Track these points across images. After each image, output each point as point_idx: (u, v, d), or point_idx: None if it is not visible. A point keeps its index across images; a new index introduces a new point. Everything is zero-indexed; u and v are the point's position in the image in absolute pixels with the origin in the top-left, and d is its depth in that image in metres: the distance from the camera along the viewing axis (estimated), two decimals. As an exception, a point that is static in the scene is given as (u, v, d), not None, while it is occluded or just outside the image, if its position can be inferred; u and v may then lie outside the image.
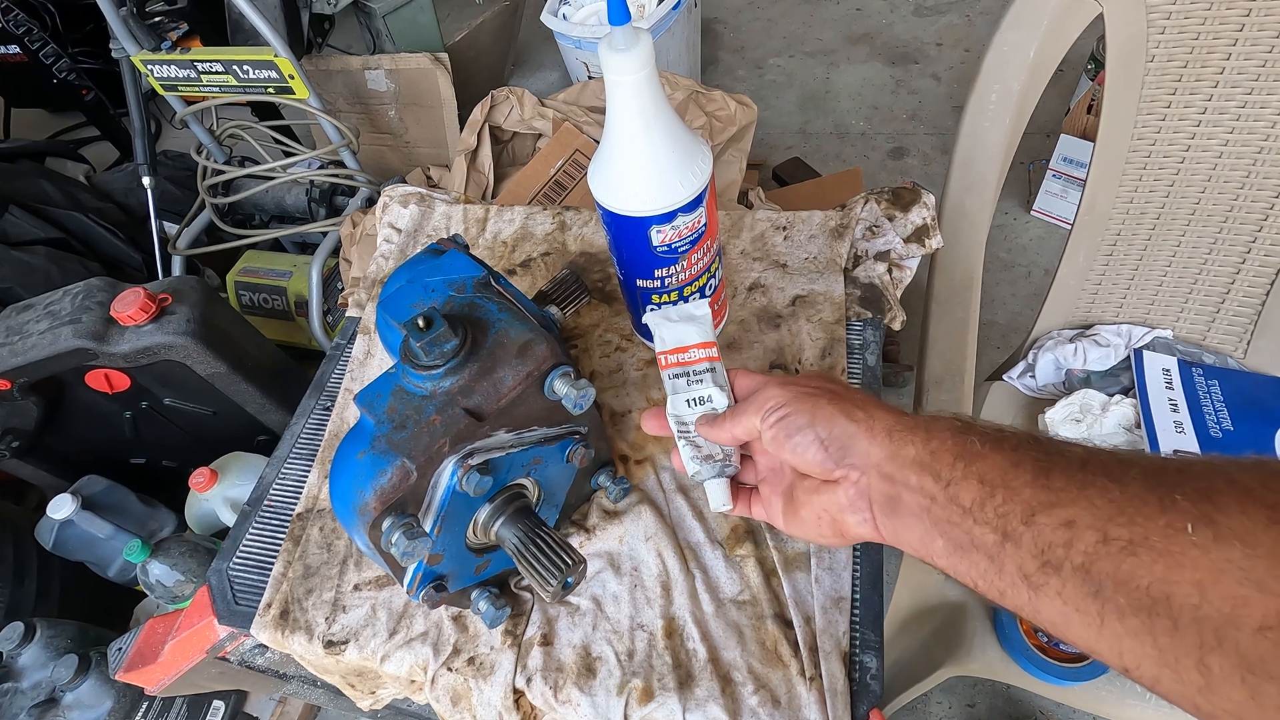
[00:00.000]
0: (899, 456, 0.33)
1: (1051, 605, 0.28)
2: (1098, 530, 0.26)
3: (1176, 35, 0.67)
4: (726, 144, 1.09)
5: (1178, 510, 0.25)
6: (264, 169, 1.37)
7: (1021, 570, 0.28)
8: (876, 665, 0.44)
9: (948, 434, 0.33)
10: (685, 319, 0.46)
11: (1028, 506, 0.28)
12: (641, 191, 0.46)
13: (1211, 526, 0.24)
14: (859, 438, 0.35)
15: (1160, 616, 0.24)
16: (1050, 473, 0.29)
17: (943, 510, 0.31)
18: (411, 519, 0.39)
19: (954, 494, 0.31)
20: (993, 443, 0.31)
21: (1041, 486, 0.29)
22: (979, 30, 2.00)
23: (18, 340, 0.92)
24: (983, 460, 0.31)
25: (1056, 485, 0.28)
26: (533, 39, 2.16)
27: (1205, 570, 0.24)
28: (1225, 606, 0.23)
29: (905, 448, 0.33)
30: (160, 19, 1.31)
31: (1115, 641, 0.26)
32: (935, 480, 0.32)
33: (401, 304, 0.46)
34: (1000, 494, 0.29)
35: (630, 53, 0.41)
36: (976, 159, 0.73)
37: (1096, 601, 0.26)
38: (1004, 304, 1.46)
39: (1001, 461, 0.30)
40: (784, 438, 0.37)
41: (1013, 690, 1.03)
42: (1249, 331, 0.79)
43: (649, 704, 0.44)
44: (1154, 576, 0.25)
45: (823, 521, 0.37)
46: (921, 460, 0.32)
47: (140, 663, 0.56)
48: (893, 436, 0.34)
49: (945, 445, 0.32)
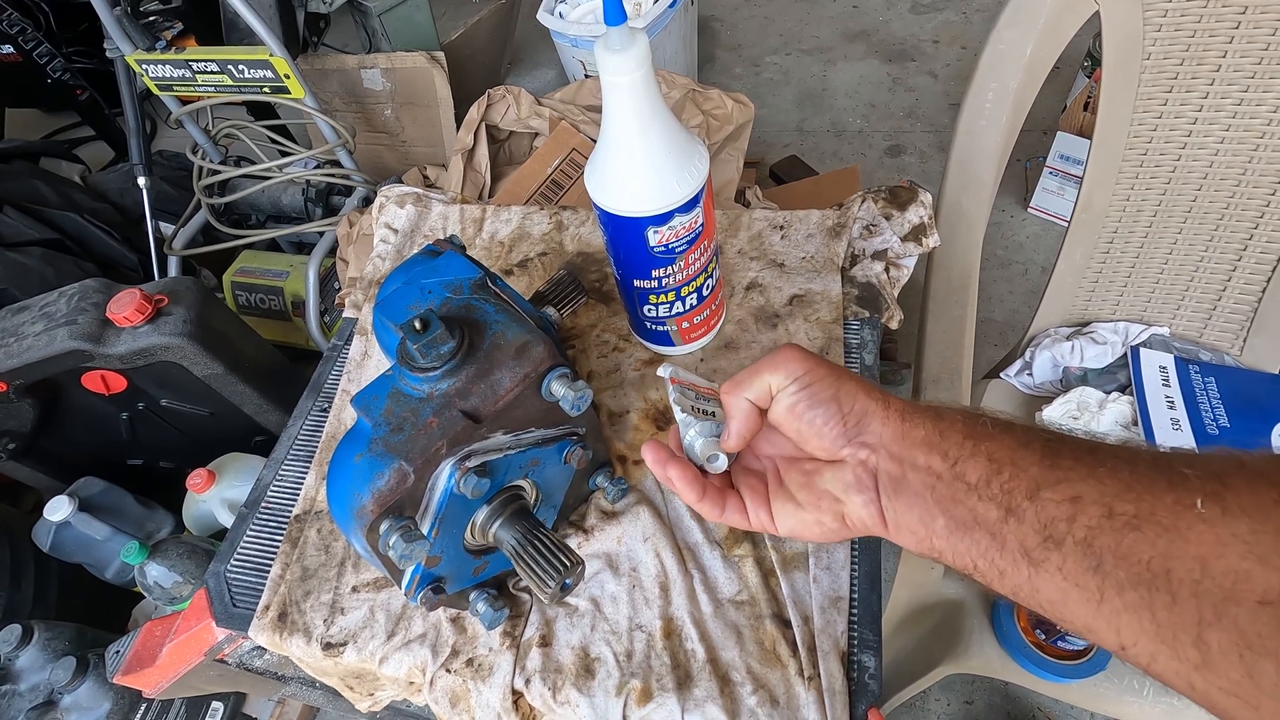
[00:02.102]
0: (909, 436, 0.33)
1: (1051, 582, 0.28)
2: (1103, 505, 0.26)
3: (1173, 32, 0.67)
4: (723, 143, 1.09)
5: (1187, 487, 0.25)
6: (260, 169, 1.36)
7: (1023, 545, 0.28)
8: (875, 665, 0.44)
9: (958, 417, 0.33)
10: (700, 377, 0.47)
11: (1034, 483, 0.28)
12: (638, 192, 0.46)
13: (1219, 502, 0.24)
14: (874, 416, 0.35)
15: (1159, 591, 0.24)
16: (1060, 453, 0.29)
17: (947, 488, 0.31)
18: (409, 521, 0.39)
19: (960, 471, 0.31)
20: (1003, 426, 0.31)
21: (1050, 465, 0.29)
22: (975, 28, 2.00)
23: (13, 342, 0.92)
24: (992, 440, 0.31)
25: (1065, 464, 0.28)
26: (529, 37, 2.15)
27: (1209, 544, 0.23)
28: (1226, 581, 0.23)
29: (916, 429, 0.33)
30: (155, 18, 1.31)
31: (1113, 618, 0.26)
32: (943, 459, 0.32)
33: (398, 306, 0.46)
34: (1007, 471, 0.29)
35: (626, 53, 0.41)
36: (973, 157, 0.73)
37: (1096, 576, 0.26)
38: (1001, 302, 1.46)
39: (1011, 442, 0.30)
40: (805, 407, 0.35)
41: (1010, 687, 1.03)
42: (1245, 328, 0.80)
43: (648, 704, 0.44)
44: (1156, 551, 0.25)
45: (822, 507, 0.36)
46: (930, 440, 0.33)
47: (138, 665, 0.56)
48: (905, 417, 0.34)
49: (955, 426, 0.32)
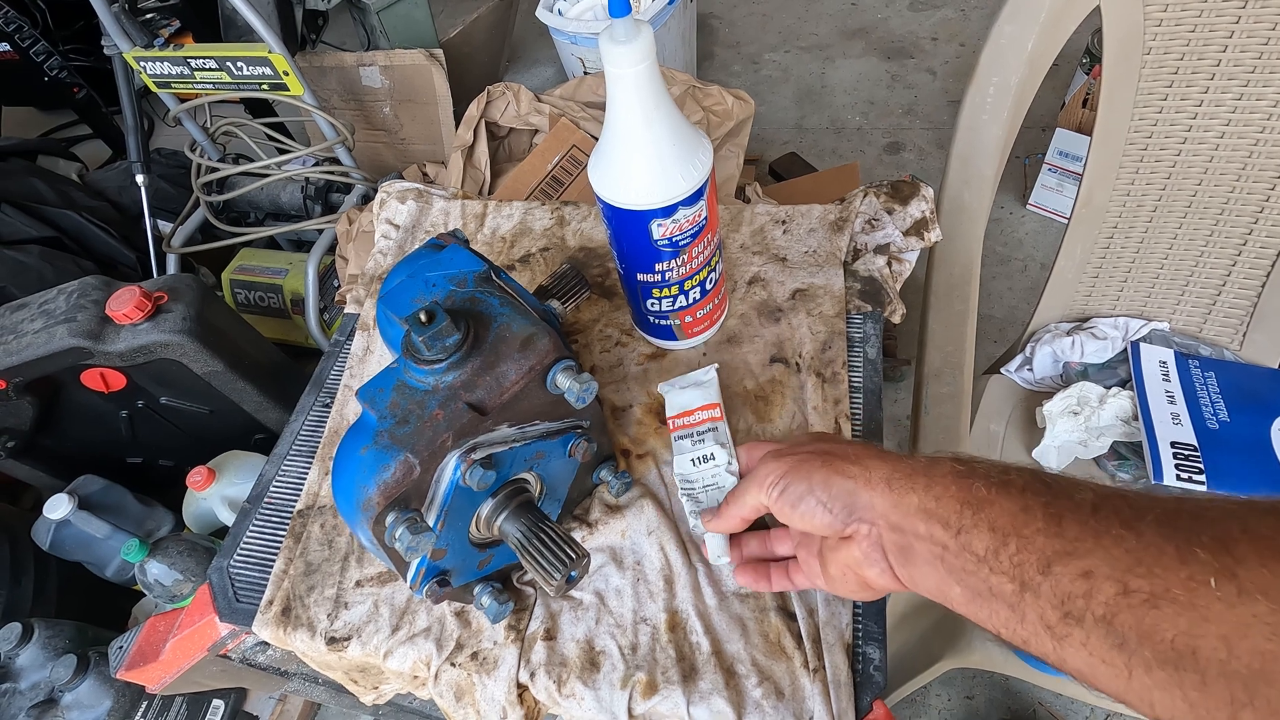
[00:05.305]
0: (903, 505, 0.33)
1: (1077, 655, 0.27)
2: (1117, 581, 0.26)
3: (1173, 27, 0.67)
4: (724, 139, 1.09)
5: (1198, 563, 0.25)
6: (258, 166, 1.36)
7: (1043, 620, 0.28)
8: (880, 657, 0.45)
9: (949, 479, 0.32)
10: (692, 385, 0.54)
11: (1043, 556, 0.28)
12: (642, 185, 0.46)
13: (1234, 581, 0.24)
14: (859, 492, 0.35)
15: (1188, 670, 0.24)
16: (1062, 519, 0.28)
17: (956, 559, 0.31)
18: (415, 514, 0.39)
19: (966, 542, 0.31)
20: (998, 487, 0.31)
21: (1054, 534, 0.28)
22: (974, 24, 2.00)
23: (12, 339, 0.92)
24: (990, 506, 0.31)
25: (1070, 534, 0.28)
26: (527, 34, 2.15)
27: (1231, 625, 0.23)
28: (1255, 662, 0.23)
29: (908, 496, 0.33)
30: (152, 15, 1.30)
31: (1145, 693, 0.26)
32: (944, 528, 0.32)
33: (402, 299, 0.46)
34: (1013, 542, 0.29)
35: (631, 45, 0.41)
36: (975, 152, 0.73)
37: (1122, 654, 0.26)
38: (1000, 298, 1.46)
39: (1010, 507, 0.30)
40: (789, 508, 0.38)
41: (1012, 682, 1.03)
42: (1245, 323, 0.80)
43: (653, 697, 0.44)
44: (1178, 630, 0.24)
45: (848, 578, 0.38)
46: (926, 508, 0.33)
47: (141, 661, 0.56)
48: (892, 485, 0.34)
49: (949, 491, 0.32)
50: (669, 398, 0.54)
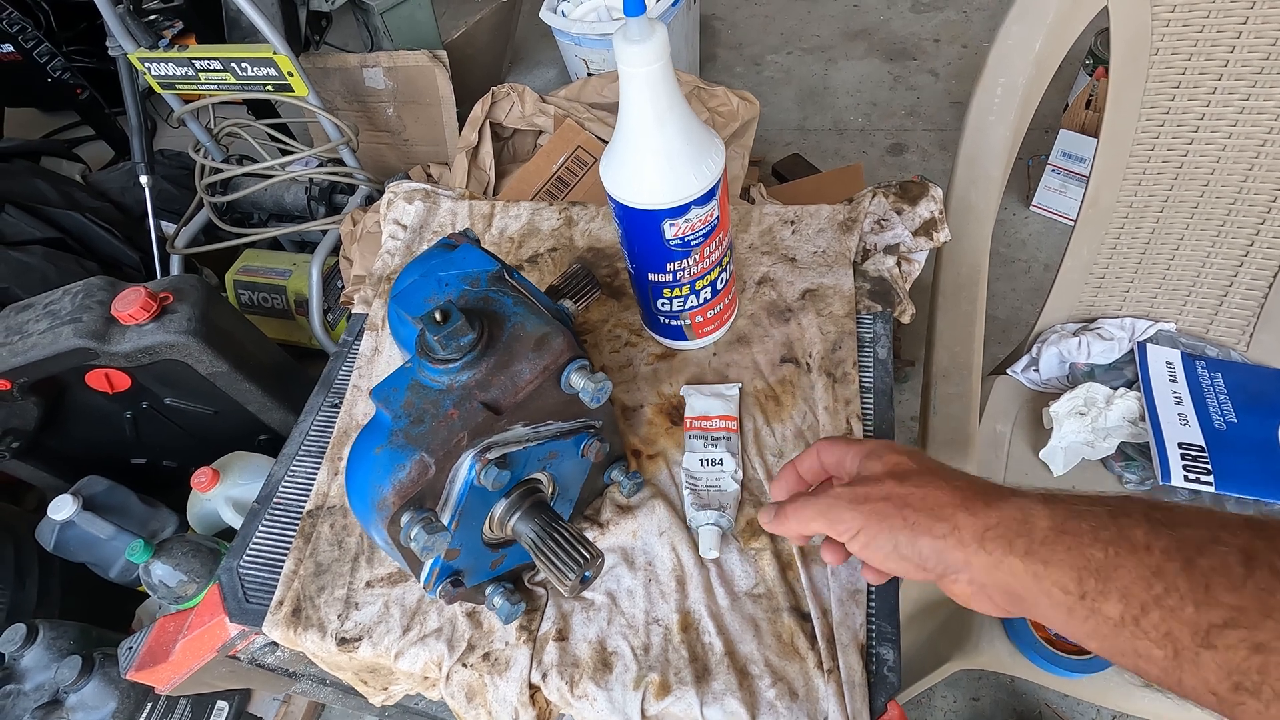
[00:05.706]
0: (1005, 566, 0.31)
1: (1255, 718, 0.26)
2: None
3: (1181, 29, 0.67)
4: (729, 140, 1.09)
5: None
6: (262, 167, 1.36)
7: (1209, 687, 0.26)
8: (893, 657, 0.44)
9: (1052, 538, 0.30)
10: (716, 395, 0.55)
11: (1196, 627, 0.26)
12: (655, 185, 0.46)
13: None
14: (950, 551, 0.33)
15: None
16: (1210, 584, 0.26)
17: (1086, 622, 0.29)
18: (430, 513, 0.39)
19: (1095, 606, 0.29)
20: (1115, 545, 0.28)
21: (1205, 604, 0.26)
22: (976, 26, 2.01)
23: (17, 340, 0.91)
24: (1117, 572, 0.28)
25: (1226, 600, 0.26)
26: (530, 35, 2.15)
27: None
28: None
29: (1007, 558, 0.31)
30: (156, 17, 1.30)
31: None
32: (1065, 593, 0.30)
33: (415, 298, 0.46)
34: (1155, 613, 0.27)
35: (646, 44, 0.41)
36: (982, 152, 0.73)
37: None
38: (1004, 299, 1.46)
39: (1140, 572, 0.27)
40: (877, 560, 0.36)
41: (1017, 683, 1.03)
42: (1251, 324, 0.80)
43: (666, 698, 0.44)
44: None
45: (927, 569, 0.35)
46: (1035, 572, 0.30)
47: (151, 661, 0.56)
48: (986, 545, 0.32)
49: (1056, 555, 0.30)
50: (691, 400, 0.55)
